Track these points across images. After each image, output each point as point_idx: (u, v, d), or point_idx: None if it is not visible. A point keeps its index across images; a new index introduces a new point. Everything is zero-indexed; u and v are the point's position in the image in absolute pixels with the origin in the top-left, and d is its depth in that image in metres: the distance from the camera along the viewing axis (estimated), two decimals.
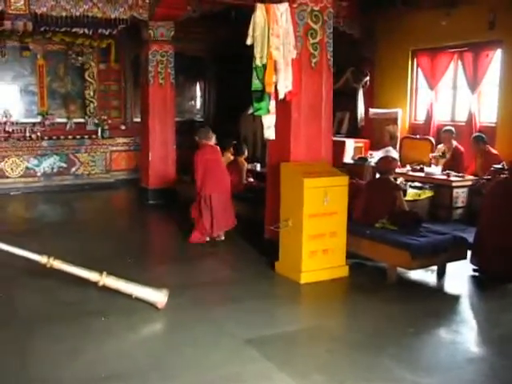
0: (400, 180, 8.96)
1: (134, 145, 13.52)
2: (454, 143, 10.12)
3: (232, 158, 9.50)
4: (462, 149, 10.07)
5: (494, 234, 6.60)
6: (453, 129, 10.22)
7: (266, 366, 4.38)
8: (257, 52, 6.30)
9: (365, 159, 10.48)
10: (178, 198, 10.73)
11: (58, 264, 5.53)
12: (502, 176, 7.50)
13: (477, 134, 9.78)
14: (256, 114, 6.68)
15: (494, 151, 9.50)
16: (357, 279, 6.47)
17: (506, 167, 7.79)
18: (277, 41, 6.31)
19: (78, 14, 9.42)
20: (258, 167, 10.51)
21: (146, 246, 8.40)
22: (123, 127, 13.81)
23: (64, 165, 12.61)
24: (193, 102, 15.13)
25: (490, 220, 6.74)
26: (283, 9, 6.37)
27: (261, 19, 6.23)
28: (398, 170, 9.60)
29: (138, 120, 12.63)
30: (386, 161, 7.64)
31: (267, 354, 4.55)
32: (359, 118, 12.24)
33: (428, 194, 9.06)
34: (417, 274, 6.64)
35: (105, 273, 5.50)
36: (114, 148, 13.44)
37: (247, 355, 4.57)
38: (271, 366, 4.38)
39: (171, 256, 7.77)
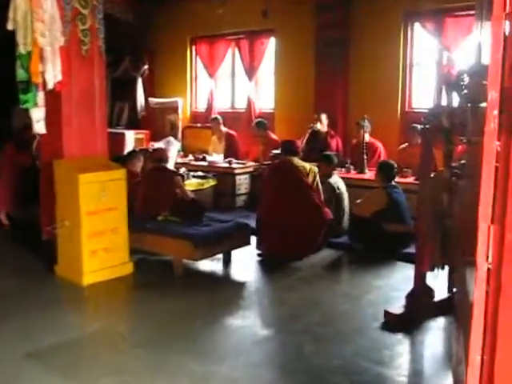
0: (183, 170, 8.92)
1: None
2: (224, 129, 10.31)
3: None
4: (233, 133, 10.29)
5: (275, 216, 6.81)
6: (219, 116, 10.46)
7: (50, 379, 4.00)
8: (20, 38, 5.70)
9: (146, 151, 10.28)
10: None
11: None
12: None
13: (258, 120, 10.05)
14: (23, 106, 6.11)
15: (274, 136, 9.83)
16: (143, 275, 6.29)
17: None
18: (42, 26, 5.78)
19: None
20: None
21: None
22: None
23: None
24: None
25: (270, 203, 6.95)
26: None
27: (21, 1, 5.69)
28: (180, 160, 9.59)
29: None
30: (159, 150, 7.78)
31: (50, 366, 4.19)
32: (139, 108, 11.99)
33: (212, 182, 9.13)
34: (204, 265, 6.62)
35: None
36: None
37: (28, 371, 4.14)
38: (55, 377, 4.02)
39: None
